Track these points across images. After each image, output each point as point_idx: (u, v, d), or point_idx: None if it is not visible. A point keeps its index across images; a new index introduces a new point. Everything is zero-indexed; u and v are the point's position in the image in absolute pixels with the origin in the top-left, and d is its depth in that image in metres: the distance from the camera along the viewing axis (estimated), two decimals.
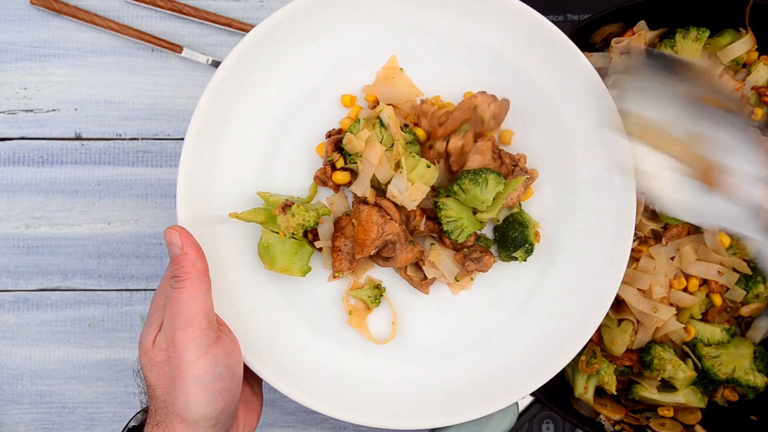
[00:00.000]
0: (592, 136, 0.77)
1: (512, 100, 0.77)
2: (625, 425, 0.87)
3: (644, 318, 0.84)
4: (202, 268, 0.67)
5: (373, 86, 0.78)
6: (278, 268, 0.74)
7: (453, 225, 0.75)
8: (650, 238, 0.87)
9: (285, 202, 0.71)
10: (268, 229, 0.74)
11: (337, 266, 0.76)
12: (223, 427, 0.68)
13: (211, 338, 0.66)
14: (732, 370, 0.85)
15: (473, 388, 0.77)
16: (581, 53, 0.75)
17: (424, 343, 0.79)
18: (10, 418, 0.98)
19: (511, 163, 0.77)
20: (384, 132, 0.75)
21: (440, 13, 0.77)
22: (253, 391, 0.76)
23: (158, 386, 0.66)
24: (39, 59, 0.97)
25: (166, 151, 0.98)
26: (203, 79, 0.97)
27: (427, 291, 0.79)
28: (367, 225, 0.74)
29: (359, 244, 0.74)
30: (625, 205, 0.76)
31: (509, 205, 0.77)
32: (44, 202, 0.98)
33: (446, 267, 0.77)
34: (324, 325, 0.78)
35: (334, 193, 0.78)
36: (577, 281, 0.78)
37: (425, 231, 0.78)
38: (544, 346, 0.77)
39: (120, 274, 0.98)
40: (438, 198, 0.75)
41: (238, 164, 0.77)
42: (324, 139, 0.79)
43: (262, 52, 0.75)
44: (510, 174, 0.77)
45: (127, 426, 0.70)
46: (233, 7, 0.98)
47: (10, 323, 0.98)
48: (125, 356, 0.98)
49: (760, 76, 0.89)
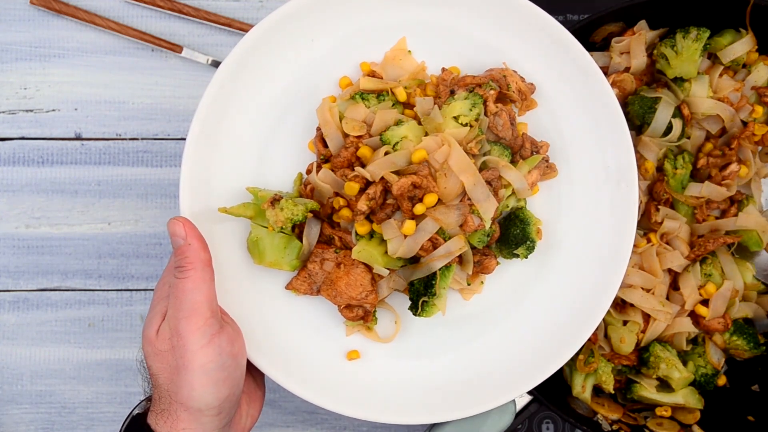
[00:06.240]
0: (593, 133, 0.77)
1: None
2: (622, 425, 0.87)
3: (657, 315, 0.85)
4: (205, 258, 0.68)
5: (380, 65, 0.79)
6: (267, 262, 0.74)
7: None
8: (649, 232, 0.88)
9: (274, 196, 0.72)
10: (257, 223, 0.74)
11: (296, 285, 0.76)
12: (227, 416, 0.68)
13: (215, 328, 0.66)
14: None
15: (471, 385, 0.77)
16: (584, 50, 0.75)
17: (422, 339, 0.79)
18: (10, 418, 0.98)
19: (531, 148, 0.77)
20: (370, 101, 0.76)
21: (438, 9, 0.77)
22: (255, 383, 0.77)
23: (162, 375, 0.66)
24: (39, 59, 0.97)
25: (166, 151, 0.98)
26: (203, 79, 0.97)
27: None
28: (354, 283, 0.74)
29: (338, 292, 0.75)
30: (627, 204, 0.76)
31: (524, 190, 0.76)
32: (44, 202, 0.98)
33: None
34: (322, 320, 0.79)
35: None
36: (577, 279, 0.78)
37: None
38: (543, 345, 0.77)
39: (120, 274, 0.98)
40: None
41: (238, 161, 0.77)
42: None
43: (262, 51, 0.76)
44: (525, 154, 0.77)
45: (131, 414, 0.70)
46: (233, 7, 0.98)
47: (10, 323, 0.98)
48: (125, 356, 0.98)
49: (760, 76, 0.89)
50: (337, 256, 0.75)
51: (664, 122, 0.85)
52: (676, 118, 0.85)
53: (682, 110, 0.85)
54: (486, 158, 0.75)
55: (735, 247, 0.89)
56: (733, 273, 0.89)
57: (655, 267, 0.86)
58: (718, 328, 0.87)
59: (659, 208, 0.88)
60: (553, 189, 0.79)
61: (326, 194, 0.75)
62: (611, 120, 0.76)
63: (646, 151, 0.87)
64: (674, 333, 0.88)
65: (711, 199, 0.88)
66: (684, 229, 0.88)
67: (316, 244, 0.76)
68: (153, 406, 0.68)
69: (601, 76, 0.75)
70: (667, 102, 0.85)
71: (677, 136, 0.85)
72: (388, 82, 0.77)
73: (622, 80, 0.87)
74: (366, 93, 0.76)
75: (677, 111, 0.85)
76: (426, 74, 0.79)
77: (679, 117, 0.85)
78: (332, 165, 0.75)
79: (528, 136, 0.78)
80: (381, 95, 0.77)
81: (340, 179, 0.74)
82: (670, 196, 0.88)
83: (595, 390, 0.89)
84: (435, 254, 0.73)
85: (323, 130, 0.76)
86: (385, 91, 0.77)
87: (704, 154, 0.88)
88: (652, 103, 0.85)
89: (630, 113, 0.87)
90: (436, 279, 0.73)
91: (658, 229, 0.87)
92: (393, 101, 0.77)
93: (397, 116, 0.75)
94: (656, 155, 0.88)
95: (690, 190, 0.87)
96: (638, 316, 0.86)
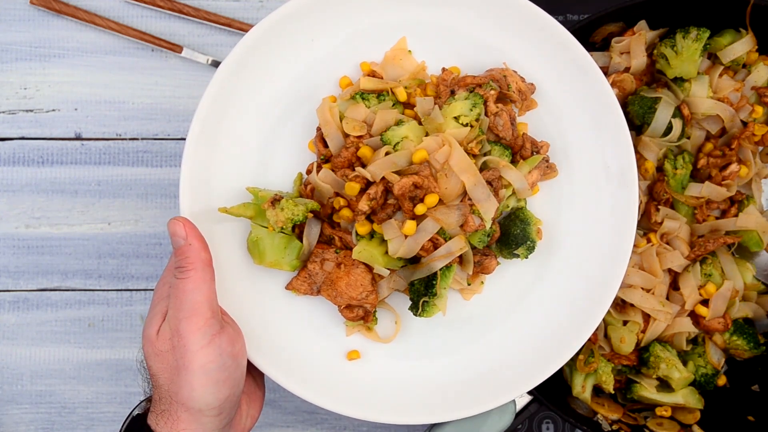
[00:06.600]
0: (593, 133, 0.77)
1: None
2: (622, 425, 0.87)
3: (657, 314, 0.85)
4: (206, 258, 0.68)
5: (380, 65, 0.79)
6: (267, 262, 0.74)
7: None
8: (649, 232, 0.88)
9: (274, 196, 0.72)
10: (257, 224, 0.74)
11: (296, 285, 0.76)
12: (227, 416, 0.68)
13: (216, 328, 0.66)
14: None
15: (471, 385, 0.77)
16: (585, 50, 0.75)
17: (422, 340, 0.79)
18: (10, 418, 0.98)
19: (532, 148, 0.77)
20: (371, 101, 0.76)
21: (438, 9, 0.77)
22: (255, 383, 0.77)
23: (162, 375, 0.66)
24: (39, 59, 0.97)
25: (166, 151, 0.98)
26: (203, 79, 0.97)
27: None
28: (355, 283, 0.74)
29: (338, 292, 0.75)
30: (627, 204, 0.76)
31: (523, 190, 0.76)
32: (44, 202, 0.98)
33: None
34: (322, 320, 0.79)
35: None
36: (577, 279, 0.78)
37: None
38: (543, 344, 0.77)
39: (120, 274, 0.98)
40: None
41: (238, 161, 0.77)
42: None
43: (262, 51, 0.76)
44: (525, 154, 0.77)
45: (131, 414, 0.70)
46: (233, 7, 0.98)
47: (10, 323, 0.98)
48: (125, 356, 0.98)
49: (760, 76, 0.89)
50: (338, 257, 0.75)
51: (664, 122, 0.85)
52: (676, 118, 0.85)
53: (682, 110, 0.85)
54: (486, 158, 0.75)
55: (735, 248, 0.89)
56: (733, 273, 0.89)
57: (655, 267, 0.86)
58: (718, 328, 0.88)
59: (659, 208, 0.88)
60: (553, 189, 0.79)
61: (326, 194, 0.75)
62: (611, 120, 0.76)
63: (646, 151, 0.87)
64: (674, 333, 0.88)
65: (711, 200, 0.88)
66: (684, 229, 0.88)
67: (316, 244, 0.76)
68: (153, 406, 0.68)
69: (601, 76, 0.75)
70: (667, 102, 0.85)
71: (677, 136, 0.85)
72: (389, 82, 0.77)
73: (622, 80, 0.87)
74: (366, 93, 0.76)
75: (677, 111, 0.85)
76: (426, 74, 0.79)
77: (679, 117, 0.85)
78: (332, 165, 0.75)
79: (528, 136, 0.78)
80: (381, 95, 0.77)
81: (341, 179, 0.74)
82: (670, 196, 0.88)
83: (595, 390, 0.89)
84: (435, 254, 0.73)
85: (323, 130, 0.76)
86: (385, 91, 0.77)
87: (704, 155, 0.88)
88: (652, 103, 0.85)
89: (630, 113, 0.87)
90: (437, 279, 0.73)
91: (658, 229, 0.87)
92: (393, 101, 0.77)
93: (398, 116, 0.75)
94: (656, 155, 0.88)
95: (690, 191, 0.87)
96: (638, 316, 0.87)
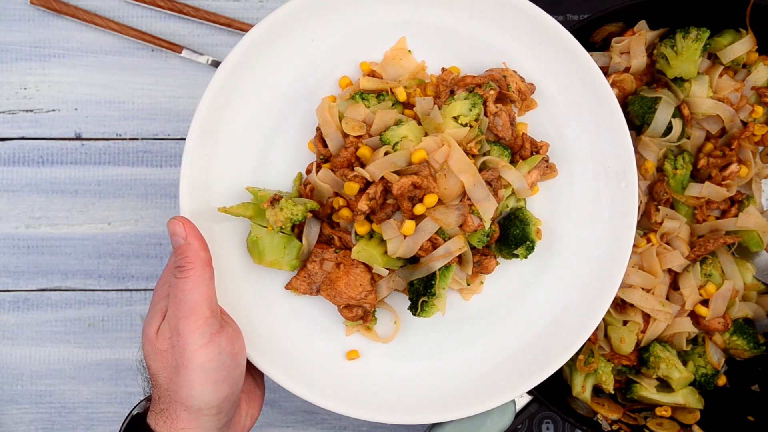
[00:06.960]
0: (593, 133, 0.77)
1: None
2: (622, 425, 0.87)
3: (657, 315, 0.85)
4: (205, 257, 0.68)
5: (380, 65, 0.79)
6: (267, 262, 0.75)
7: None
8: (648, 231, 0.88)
9: (273, 196, 0.72)
10: (257, 223, 0.74)
11: (295, 284, 0.76)
12: (226, 415, 0.68)
13: (215, 327, 0.67)
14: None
15: (471, 385, 0.77)
16: (584, 51, 0.75)
17: (421, 339, 0.79)
18: (10, 418, 0.98)
19: (531, 148, 0.77)
20: (370, 101, 0.76)
21: (438, 9, 0.77)
22: (255, 382, 0.77)
23: (161, 374, 0.66)
24: (39, 59, 0.97)
25: (166, 151, 0.98)
26: (203, 79, 0.97)
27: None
28: (354, 283, 0.74)
29: (337, 292, 0.75)
30: (627, 204, 0.76)
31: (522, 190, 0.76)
32: (44, 202, 0.98)
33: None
34: (322, 320, 0.79)
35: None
36: (577, 279, 0.78)
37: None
38: (543, 345, 0.77)
39: (120, 274, 0.98)
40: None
41: (238, 161, 0.77)
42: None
43: (262, 51, 0.76)
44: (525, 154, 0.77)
45: (130, 413, 0.71)
46: (233, 7, 0.98)
47: (10, 323, 0.98)
48: (125, 356, 0.98)
49: (760, 76, 0.89)
50: (337, 256, 0.75)
51: (664, 122, 0.85)
52: (676, 118, 0.85)
53: (682, 110, 0.85)
54: (486, 158, 0.75)
55: (735, 248, 0.89)
56: (733, 273, 0.89)
57: (655, 267, 0.86)
58: (718, 328, 0.87)
59: (659, 208, 0.88)
60: (553, 189, 0.79)
61: (326, 194, 0.75)
62: (611, 120, 0.76)
63: (646, 151, 0.87)
64: (674, 333, 0.88)
65: (711, 200, 0.88)
66: (684, 229, 0.88)
67: (315, 244, 0.76)
68: (152, 405, 0.68)
69: (601, 76, 0.75)
70: (667, 102, 0.84)
71: (677, 136, 0.85)
72: (388, 82, 0.77)
73: (622, 80, 0.87)
74: (366, 93, 0.76)
75: (677, 111, 0.85)
76: (426, 74, 0.79)
77: (679, 117, 0.85)
78: (332, 165, 0.75)
79: (528, 136, 0.78)
80: (381, 95, 0.77)
81: (340, 179, 0.74)
82: (670, 196, 0.88)
83: (595, 390, 0.89)
84: (434, 254, 0.72)
85: (323, 129, 0.76)
86: (385, 91, 0.77)
87: (704, 155, 0.88)
88: (652, 103, 0.85)
89: (630, 113, 0.87)
90: (436, 279, 0.73)
91: (658, 229, 0.87)
92: (393, 101, 0.77)
93: (397, 116, 0.75)
94: (656, 155, 0.88)
95: (690, 191, 0.87)
96: (638, 316, 0.86)
